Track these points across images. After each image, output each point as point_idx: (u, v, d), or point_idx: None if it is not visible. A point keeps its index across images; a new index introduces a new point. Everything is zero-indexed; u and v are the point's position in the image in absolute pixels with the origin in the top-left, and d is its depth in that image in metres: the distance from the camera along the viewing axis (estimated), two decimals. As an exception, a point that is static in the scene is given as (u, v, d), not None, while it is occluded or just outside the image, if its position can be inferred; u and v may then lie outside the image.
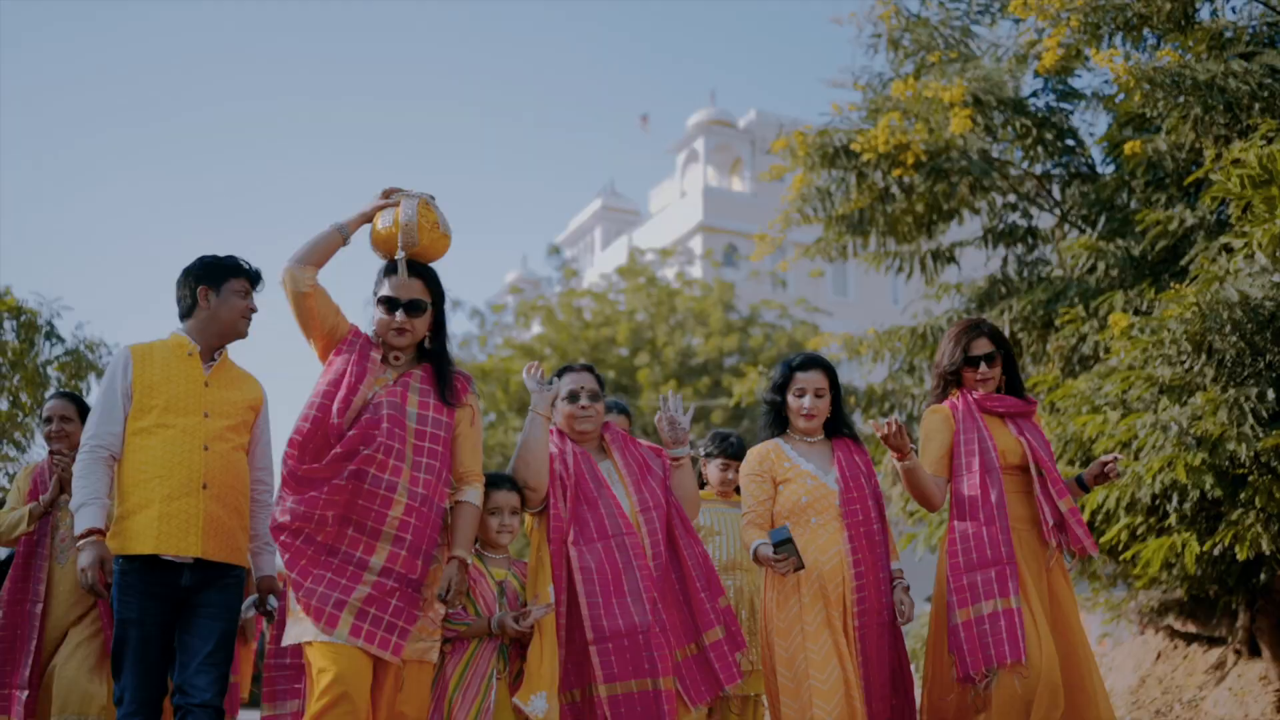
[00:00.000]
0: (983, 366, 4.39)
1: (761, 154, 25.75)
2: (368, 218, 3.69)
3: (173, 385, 3.93)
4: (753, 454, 4.41)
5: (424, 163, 70.89)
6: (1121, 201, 8.19)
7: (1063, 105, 8.81)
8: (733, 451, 5.08)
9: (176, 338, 4.04)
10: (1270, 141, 5.94)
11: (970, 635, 4.07)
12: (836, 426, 4.43)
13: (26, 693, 4.67)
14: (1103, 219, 8.32)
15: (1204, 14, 7.24)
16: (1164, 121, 6.93)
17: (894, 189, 8.43)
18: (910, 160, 7.89)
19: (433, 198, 3.72)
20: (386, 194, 3.69)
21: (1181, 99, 6.58)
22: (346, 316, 3.77)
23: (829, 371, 4.41)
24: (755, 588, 4.82)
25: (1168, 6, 6.88)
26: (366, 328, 3.79)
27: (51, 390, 9.96)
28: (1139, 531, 6.55)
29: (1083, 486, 4.44)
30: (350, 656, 3.41)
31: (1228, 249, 6.05)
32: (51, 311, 9.99)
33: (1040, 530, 4.23)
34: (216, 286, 4.03)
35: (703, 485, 5.13)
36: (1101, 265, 7.75)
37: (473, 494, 3.76)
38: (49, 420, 5.00)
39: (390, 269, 3.69)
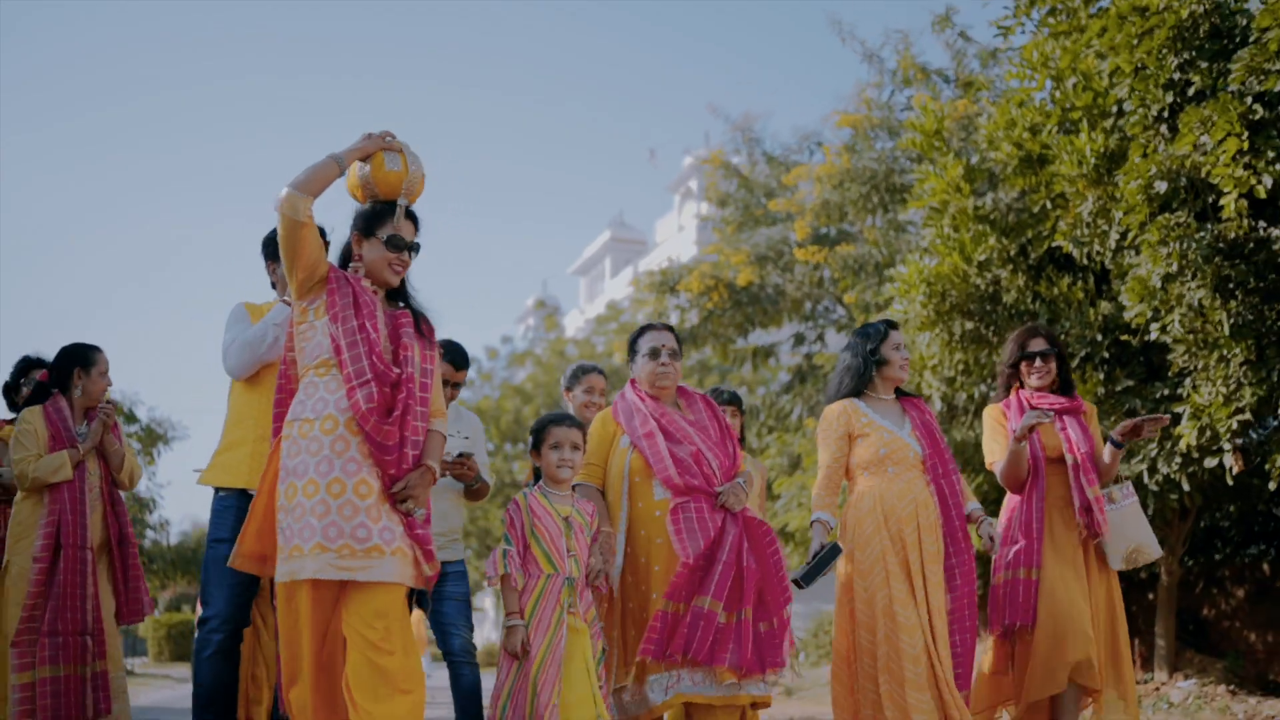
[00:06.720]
0: (1038, 362, 4.91)
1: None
2: (363, 154, 3.61)
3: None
4: (831, 411, 4.66)
5: (454, 186, 74.95)
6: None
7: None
8: (725, 399, 5.42)
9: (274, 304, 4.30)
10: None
11: (998, 596, 4.76)
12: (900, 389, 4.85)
13: (90, 637, 4.93)
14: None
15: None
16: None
17: (717, 311, 11.98)
18: (716, 297, 11.42)
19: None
20: (383, 136, 3.64)
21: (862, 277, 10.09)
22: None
23: None
24: None
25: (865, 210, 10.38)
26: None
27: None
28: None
29: (1115, 444, 4.78)
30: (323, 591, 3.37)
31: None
32: (130, 401, 13.83)
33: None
34: (274, 261, 4.33)
35: None
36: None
37: (440, 424, 3.69)
38: (105, 373, 5.24)
39: (389, 211, 3.62)
